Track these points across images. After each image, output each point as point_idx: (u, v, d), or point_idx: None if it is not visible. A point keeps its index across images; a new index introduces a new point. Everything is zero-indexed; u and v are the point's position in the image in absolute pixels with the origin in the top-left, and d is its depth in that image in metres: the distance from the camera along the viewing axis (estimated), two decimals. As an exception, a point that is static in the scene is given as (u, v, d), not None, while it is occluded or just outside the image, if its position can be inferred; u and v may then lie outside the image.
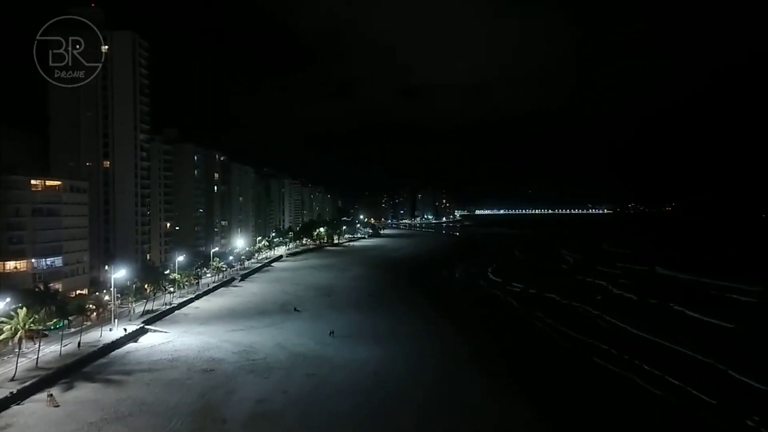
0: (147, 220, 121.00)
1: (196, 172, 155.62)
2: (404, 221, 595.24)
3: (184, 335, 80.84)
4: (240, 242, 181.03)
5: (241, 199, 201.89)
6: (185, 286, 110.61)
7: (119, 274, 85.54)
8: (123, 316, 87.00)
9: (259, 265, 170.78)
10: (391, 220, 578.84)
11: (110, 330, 77.62)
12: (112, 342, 72.47)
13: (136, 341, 76.64)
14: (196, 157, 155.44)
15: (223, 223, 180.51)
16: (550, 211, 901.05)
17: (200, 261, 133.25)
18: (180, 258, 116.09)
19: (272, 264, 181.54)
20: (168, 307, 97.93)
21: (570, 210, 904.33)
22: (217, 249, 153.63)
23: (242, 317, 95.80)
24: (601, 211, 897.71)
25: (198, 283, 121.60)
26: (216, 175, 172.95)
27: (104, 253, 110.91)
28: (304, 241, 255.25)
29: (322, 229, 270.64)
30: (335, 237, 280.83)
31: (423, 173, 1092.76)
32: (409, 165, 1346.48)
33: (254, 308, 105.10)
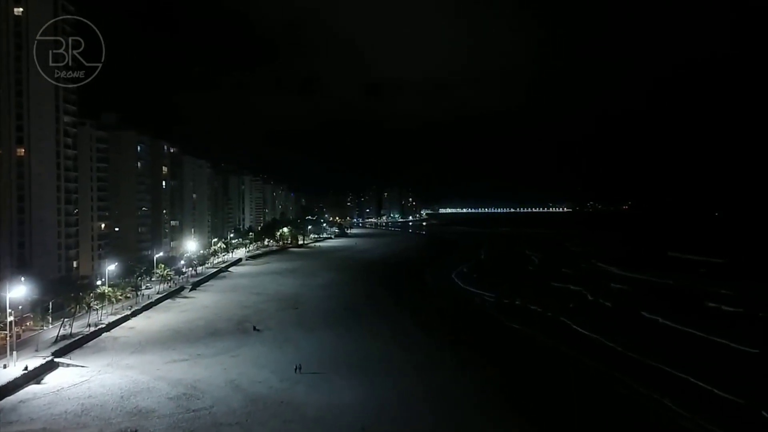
0: (74, 220, 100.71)
1: (139, 164, 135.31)
2: (370, 220, 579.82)
3: (107, 370, 62.31)
4: (193, 245, 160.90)
5: (194, 196, 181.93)
6: (119, 301, 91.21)
7: (18, 291, 66.00)
8: (30, 344, 67.78)
9: (215, 270, 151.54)
10: (357, 219, 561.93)
11: (5, 367, 58.59)
12: (2, 386, 53.63)
13: (39, 382, 57.84)
14: (139, 147, 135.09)
15: (173, 223, 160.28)
16: (511, 210, 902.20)
17: (143, 268, 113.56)
18: (112, 267, 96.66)
19: (230, 269, 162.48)
20: (93, 329, 78.61)
21: (531, 209, 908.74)
22: (163, 254, 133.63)
23: (187, 341, 77.67)
24: (561, 210, 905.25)
25: (138, 295, 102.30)
26: (164, 168, 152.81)
27: (17, 261, 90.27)
28: (266, 242, 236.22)
29: (285, 229, 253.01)
30: (300, 237, 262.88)
31: (388, 172, 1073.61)
32: (375, 163, 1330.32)
33: (204, 327, 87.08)
